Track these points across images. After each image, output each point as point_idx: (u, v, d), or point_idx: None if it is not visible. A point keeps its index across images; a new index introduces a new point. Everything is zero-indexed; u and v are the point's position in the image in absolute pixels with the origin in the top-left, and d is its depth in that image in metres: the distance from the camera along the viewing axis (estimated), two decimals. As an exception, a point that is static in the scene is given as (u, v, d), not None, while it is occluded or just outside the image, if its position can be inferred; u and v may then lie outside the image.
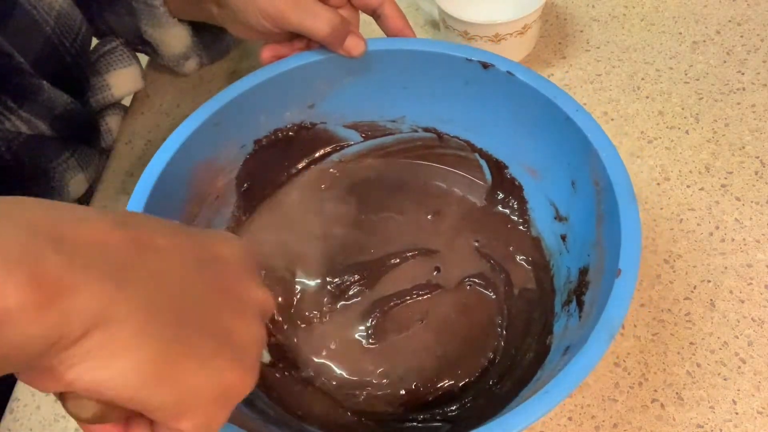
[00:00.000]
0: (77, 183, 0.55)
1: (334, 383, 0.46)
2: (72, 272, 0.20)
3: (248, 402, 0.40)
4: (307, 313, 0.48)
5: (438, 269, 0.49)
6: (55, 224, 0.21)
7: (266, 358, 0.45)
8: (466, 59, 0.44)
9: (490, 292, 0.48)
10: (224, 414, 0.23)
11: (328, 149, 0.52)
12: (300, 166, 0.51)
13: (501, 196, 0.50)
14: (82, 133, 0.56)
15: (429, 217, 0.51)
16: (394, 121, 0.51)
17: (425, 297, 0.48)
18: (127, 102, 0.65)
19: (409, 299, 0.48)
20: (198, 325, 0.23)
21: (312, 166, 0.52)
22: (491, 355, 0.46)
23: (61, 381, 0.21)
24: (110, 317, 0.20)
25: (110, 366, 0.20)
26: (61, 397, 0.22)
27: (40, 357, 0.20)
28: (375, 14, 0.47)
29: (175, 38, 0.57)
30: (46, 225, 0.20)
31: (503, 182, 0.49)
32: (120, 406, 0.22)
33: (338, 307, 0.48)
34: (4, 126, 0.48)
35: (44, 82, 0.49)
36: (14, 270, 0.18)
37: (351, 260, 0.50)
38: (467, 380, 0.45)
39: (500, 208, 0.50)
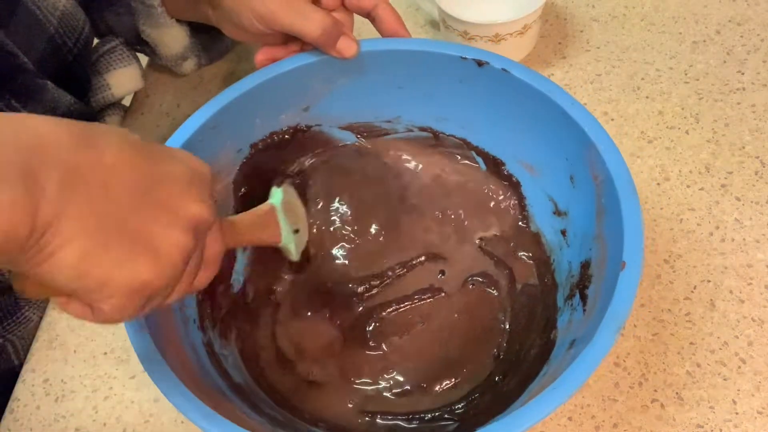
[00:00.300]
0: None
1: (339, 384, 0.46)
2: (35, 195, 0.25)
3: (254, 407, 0.40)
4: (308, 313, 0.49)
5: (443, 272, 0.49)
6: (43, 149, 0.26)
7: (292, 255, 0.46)
8: (461, 57, 0.44)
9: (493, 290, 0.48)
10: (134, 301, 0.29)
11: (325, 151, 0.52)
12: (296, 169, 0.51)
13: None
14: None
15: (437, 214, 0.51)
16: (389, 122, 0.51)
17: (428, 301, 0.49)
18: (127, 102, 0.65)
19: (410, 304, 0.49)
20: (124, 232, 0.28)
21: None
22: (495, 352, 0.46)
23: (25, 267, 0.27)
24: (55, 225, 0.26)
25: (52, 259, 0.26)
26: (14, 277, 0.29)
27: (27, 240, 0.26)
28: (369, 17, 0.47)
29: (173, 38, 0.58)
30: (36, 148, 0.26)
31: (501, 179, 0.50)
32: (47, 291, 0.29)
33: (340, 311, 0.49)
34: None
35: (48, 82, 0.49)
36: (13, 183, 0.25)
37: (362, 271, 0.50)
38: (473, 377, 0.45)
39: None
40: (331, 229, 0.51)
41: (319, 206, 0.51)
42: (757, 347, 0.45)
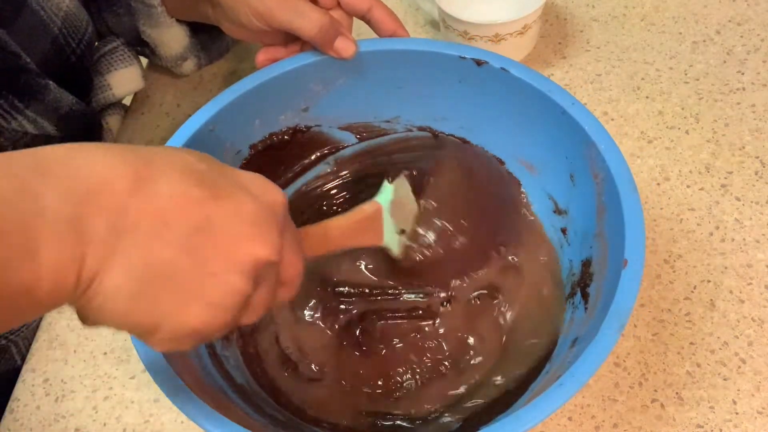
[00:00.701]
0: None
1: (339, 384, 0.46)
2: (82, 247, 0.25)
3: (256, 407, 0.40)
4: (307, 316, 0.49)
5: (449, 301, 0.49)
6: (95, 196, 0.26)
7: (394, 252, 0.43)
8: (460, 57, 0.44)
9: (495, 293, 0.48)
10: (188, 345, 0.29)
11: (324, 151, 0.52)
12: (296, 169, 0.51)
13: None
14: (86, 133, 0.56)
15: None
16: (388, 122, 0.51)
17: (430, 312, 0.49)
18: (127, 101, 0.65)
19: (406, 318, 0.48)
20: (175, 280, 0.27)
21: (308, 170, 0.52)
22: (496, 351, 0.46)
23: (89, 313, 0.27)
24: (102, 274, 0.26)
25: (104, 308, 0.27)
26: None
27: (69, 297, 0.26)
28: (365, 19, 0.47)
29: (172, 39, 0.58)
30: (88, 197, 0.26)
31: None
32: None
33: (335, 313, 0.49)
34: (10, 125, 0.48)
35: (50, 82, 0.50)
36: (62, 238, 0.25)
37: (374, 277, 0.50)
38: (475, 377, 0.45)
39: None
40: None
41: (431, 208, 0.46)
42: (757, 347, 0.45)
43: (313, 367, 0.47)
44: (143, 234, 0.26)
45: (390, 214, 0.41)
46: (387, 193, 0.42)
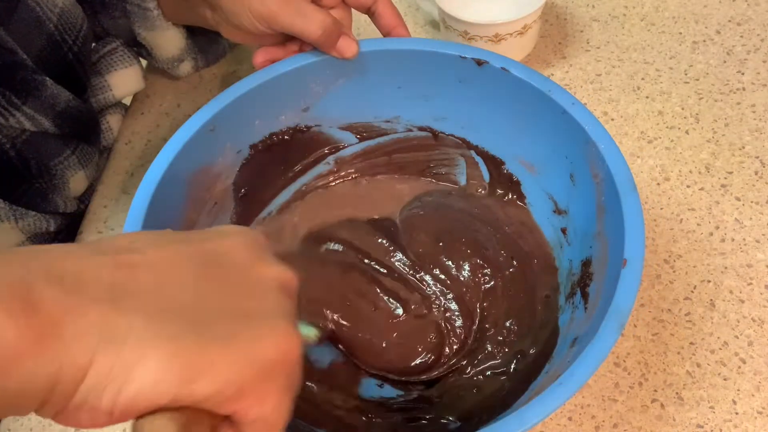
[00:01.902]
0: (77, 181, 0.55)
1: (340, 384, 0.46)
2: (65, 301, 0.20)
3: None
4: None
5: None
6: (46, 261, 0.21)
7: (312, 335, 0.42)
8: (460, 57, 0.44)
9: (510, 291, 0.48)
10: (274, 388, 0.23)
11: (324, 151, 0.52)
12: (296, 169, 0.51)
13: (499, 192, 0.50)
14: (84, 130, 0.56)
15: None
16: (389, 122, 0.51)
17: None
18: (127, 101, 0.65)
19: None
20: (210, 315, 0.23)
21: (308, 170, 0.52)
22: (498, 349, 0.46)
23: (102, 413, 0.21)
24: (111, 337, 0.20)
25: (133, 378, 0.20)
26: (134, 427, 0.22)
27: (49, 393, 0.20)
28: (369, 12, 0.47)
29: (168, 41, 0.57)
30: (35, 263, 0.21)
31: (501, 178, 0.50)
32: (199, 418, 0.22)
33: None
34: (8, 122, 0.48)
35: (47, 78, 0.50)
36: (9, 303, 0.19)
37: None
38: (477, 376, 0.45)
39: None
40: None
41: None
42: (757, 347, 0.45)
43: (311, 366, 0.47)
44: (147, 285, 0.22)
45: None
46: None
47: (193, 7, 0.50)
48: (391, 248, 0.49)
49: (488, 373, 0.45)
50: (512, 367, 0.44)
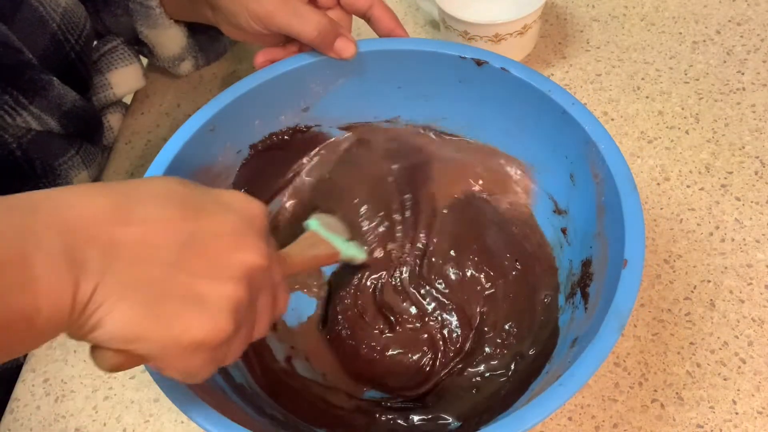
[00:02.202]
0: (80, 180, 0.55)
1: (340, 384, 0.46)
2: (75, 271, 0.26)
3: (256, 407, 0.40)
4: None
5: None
6: (83, 229, 0.27)
7: (359, 256, 0.46)
8: (460, 57, 0.44)
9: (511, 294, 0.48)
10: (197, 359, 0.28)
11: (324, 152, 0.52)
12: (296, 169, 0.51)
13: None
14: (88, 130, 0.56)
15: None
16: (389, 122, 0.51)
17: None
18: (127, 100, 0.65)
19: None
20: (168, 293, 0.28)
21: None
22: (497, 351, 0.46)
23: (84, 339, 0.28)
24: (97, 296, 0.27)
25: (100, 329, 0.27)
26: (91, 351, 0.29)
27: (67, 324, 0.27)
28: (365, 17, 0.47)
29: (170, 39, 0.58)
30: (77, 229, 0.27)
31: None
32: (127, 358, 0.28)
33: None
34: (15, 122, 0.48)
35: (54, 78, 0.50)
36: (57, 267, 0.26)
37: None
38: (475, 378, 0.45)
39: None
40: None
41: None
42: (757, 347, 0.45)
43: (310, 363, 0.47)
44: (131, 257, 0.27)
45: (328, 232, 0.44)
46: (312, 223, 0.44)
47: (194, 6, 0.50)
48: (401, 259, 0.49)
49: (487, 374, 0.45)
50: (512, 367, 0.44)
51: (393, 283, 0.49)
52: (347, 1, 0.46)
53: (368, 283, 0.49)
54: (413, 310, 0.48)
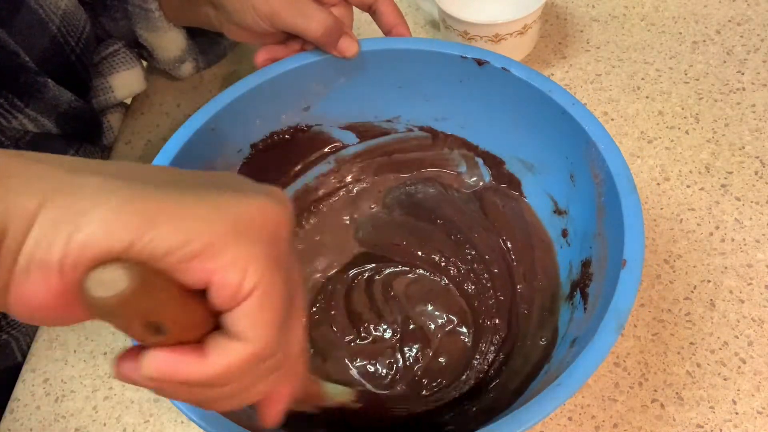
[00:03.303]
0: None
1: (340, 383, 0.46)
2: (20, 161, 0.19)
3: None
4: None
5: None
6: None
7: (347, 395, 0.42)
8: (461, 57, 0.44)
9: (498, 294, 0.48)
10: (259, 251, 0.19)
11: (325, 151, 0.52)
12: (297, 168, 0.51)
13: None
14: (86, 130, 0.56)
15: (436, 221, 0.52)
16: (389, 121, 0.51)
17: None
18: (127, 100, 0.65)
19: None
20: (183, 181, 0.20)
21: (309, 169, 0.52)
22: (495, 351, 0.46)
23: (52, 271, 0.18)
24: (62, 187, 0.19)
25: (85, 223, 0.18)
26: (83, 286, 0.19)
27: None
28: (371, 10, 0.47)
29: (170, 42, 0.57)
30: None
31: (501, 178, 0.50)
32: (163, 285, 0.19)
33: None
34: (11, 124, 0.48)
35: (49, 80, 0.50)
36: None
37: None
38: (474, 378, 0.45)
39: None
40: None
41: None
42: (757, 347, 0.45)
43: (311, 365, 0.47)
44: (110, 171, 0.20)
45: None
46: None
47: (195, 6, 0.50)
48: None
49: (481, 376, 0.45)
50: (511, 369, 0.44)
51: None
52: None
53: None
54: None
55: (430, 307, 0.49)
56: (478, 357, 0.46)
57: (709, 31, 0.63)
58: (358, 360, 0.47)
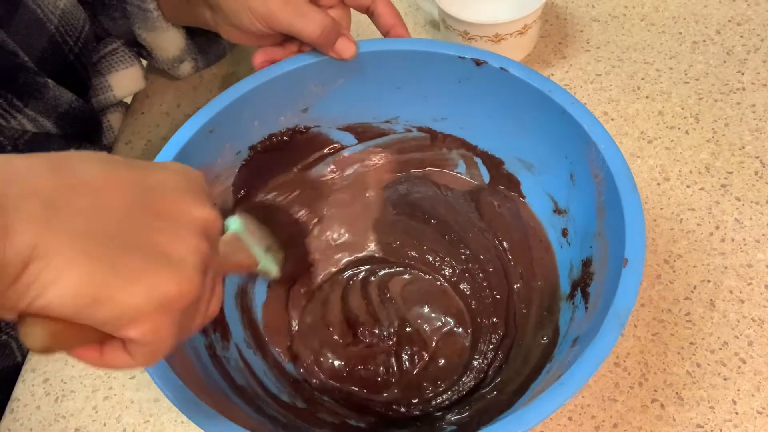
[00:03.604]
0: None
1: (338, 390, 0.46)
2: (4, 218, 0.23)
3: (257, 408, 0.40)
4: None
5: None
6: (15, 177, 0.24)
7: (273, 272, 0.42)
8: (459, 57, 0.44)
9: (495, 293, 0.48)
10: (167, 321, 0.26)
11: (324, 152, 0.52)
12: (296, 170, 0.51)
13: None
14: (86, 130, 0.56)
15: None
16: (388, 122, 0.51)
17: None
18: (127, 100, 0.65)
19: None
20: (129, 247, 0.25)
21: (308, 171, 0.52)
22: (496, 350, 0.46)
23: (13, 309, 0.24)
24: (42, 252, 0.23)
25: (48, 292, 0.23)
26: (21, 325, 0.25)
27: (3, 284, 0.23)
28: (368, 12, 0.47)
29: (169, 42, 0.57)
30: (7, 178, 0.24)
31: (500, 178, 0.50)
32: (84, 333, 0.25)
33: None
34: (10, 124, 0.48)
35: (49, 80, 0.50)
36: None
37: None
38: (474, 379, 0.45)
39: None
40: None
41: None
42: (757, 347, 0.45)
43: (311, 368, 0.47)
44: (81, 210, 0.25)
45: (249, 237, 0.41)
46: (234, 223, 0.41)
47: (193, 7, 0.50)
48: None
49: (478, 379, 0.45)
50: (511, 369, 0.44)
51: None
52: None
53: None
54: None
55: (426, 309, 0.49)
56: (477, 357, 0.46)
57: (709, 31, 0.63)
58: (355, 364, 0.47)
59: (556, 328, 0.43)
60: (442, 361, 0.47)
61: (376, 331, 0.48)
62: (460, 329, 0.48)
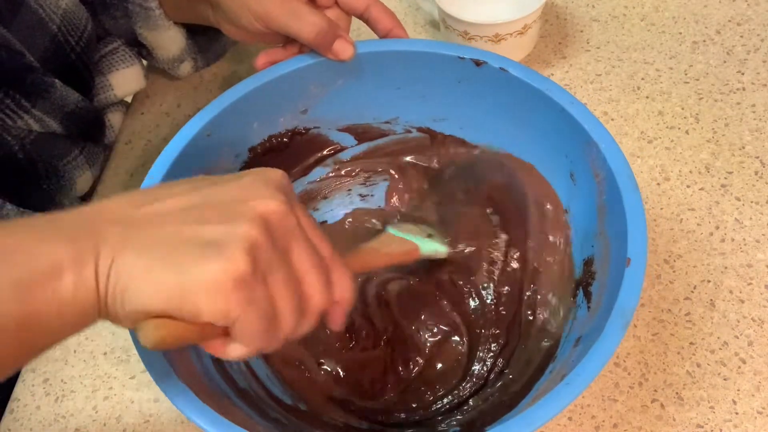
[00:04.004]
0: (84, 180, 0.55)
1: (341, 391, 0.46)
2: (95, 239, 0.29)
3: (260, 411, 0.40)
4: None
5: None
6: (99, 218, 0.30)
7: (441, 251, 0.47)
8: (458, 57, 0.44)
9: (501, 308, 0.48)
10: (233, 301, 0.28)
11: (323, 153, 0.52)
12: (295, 172, 0.51)
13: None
14: (90, 130, 0.56)
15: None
16: (387, 123, 0.51)
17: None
18: (128, 99, 0.65)
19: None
20: (184, 241, 0.29)
21: (308, 172, 0.52)
22: (497, 350, 0.46)
23: (128, 318, 0.29)
24: (119, 261, 0.28)
25: (131, 292, 0.28)
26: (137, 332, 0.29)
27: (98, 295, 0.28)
28: (363, 18, 0.47)
29: (170, 41, 0.57)
30: (97, 219, 0.30)
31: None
32: (179, 330, 0.28)
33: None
34: (16, 124, 0.48)
35: (56, 80, 0.50)
36: (80, 237, 0.29)
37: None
38: (477, 378, 0.45)
39: None
40: None
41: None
42: (757, 347, 0.45)
43: (317, 364, 0.47)
44: (145, 225, 0.29)
45: (402, 232, 0.46)
46: (389, 229, 0.46)
47: (194, 5, 0.50)
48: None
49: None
50: (514, 369, 0.44)
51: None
52: (344, 0, 0.46)
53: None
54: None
55: (422, 316, 0.48)
56: (480, 352, 0.46)
57: (709, 31, 0.63)
58: (351, 368, 0.47)
59: (558, 328, 0.43)
60: (441, 365, 0.46)
61: (372, 335, 0.48)
62: (456, 337, 0.48)
